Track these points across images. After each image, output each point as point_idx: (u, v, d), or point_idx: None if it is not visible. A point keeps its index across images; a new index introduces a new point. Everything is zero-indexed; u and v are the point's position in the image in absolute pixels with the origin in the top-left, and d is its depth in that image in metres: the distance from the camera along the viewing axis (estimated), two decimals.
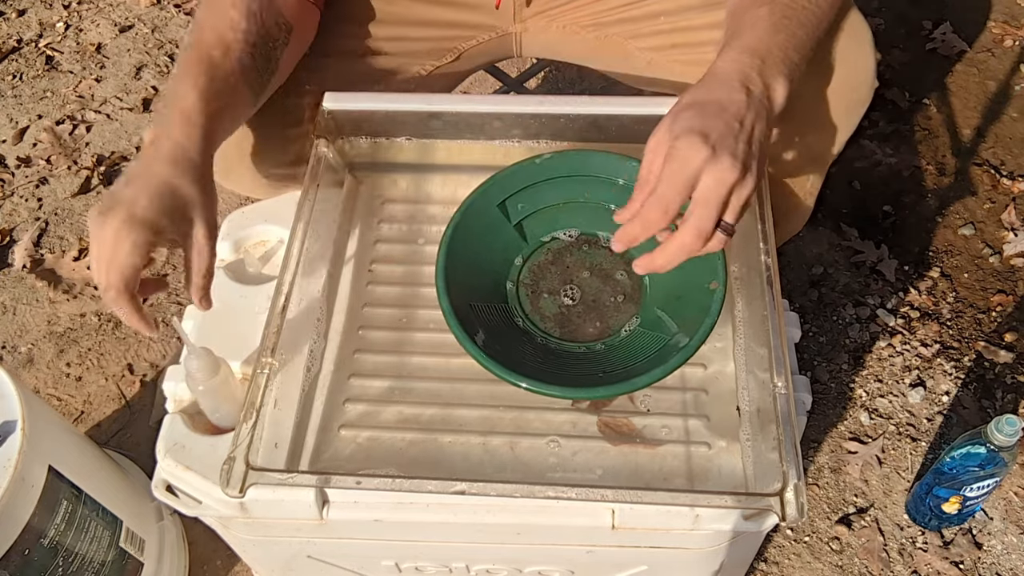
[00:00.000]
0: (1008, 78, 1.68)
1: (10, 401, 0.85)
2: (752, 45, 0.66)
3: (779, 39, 0.67)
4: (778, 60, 0.66)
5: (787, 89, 0.65)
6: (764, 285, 0.72)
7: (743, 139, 0.62)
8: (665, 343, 0.72)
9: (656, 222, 0.62)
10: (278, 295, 0.72)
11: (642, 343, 0.74)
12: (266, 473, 0.64)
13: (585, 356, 0.74)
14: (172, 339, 1.36)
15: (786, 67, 0.66)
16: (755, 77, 0.64)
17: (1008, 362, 1.31)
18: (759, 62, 0.65)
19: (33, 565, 0.84)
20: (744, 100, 0.63)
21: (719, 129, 0.61)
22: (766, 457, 0.68)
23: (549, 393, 0.68)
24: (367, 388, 0.76)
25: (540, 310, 0.77)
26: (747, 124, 0.62)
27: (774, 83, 0.65)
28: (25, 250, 1.47)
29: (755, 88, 0.64)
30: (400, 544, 0.79)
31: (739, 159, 0.61)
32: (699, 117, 0.62)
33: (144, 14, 1.86)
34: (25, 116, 1.68)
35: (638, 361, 0.71)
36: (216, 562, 1.15)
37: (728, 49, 0.67)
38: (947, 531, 1.17)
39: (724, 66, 0.66)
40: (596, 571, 0.82)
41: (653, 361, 0.70)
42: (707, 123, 0.61)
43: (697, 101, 0.64)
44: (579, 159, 0.79)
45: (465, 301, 0.72)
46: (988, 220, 1.48)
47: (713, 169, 0.60)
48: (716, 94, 0.64)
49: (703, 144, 0.60)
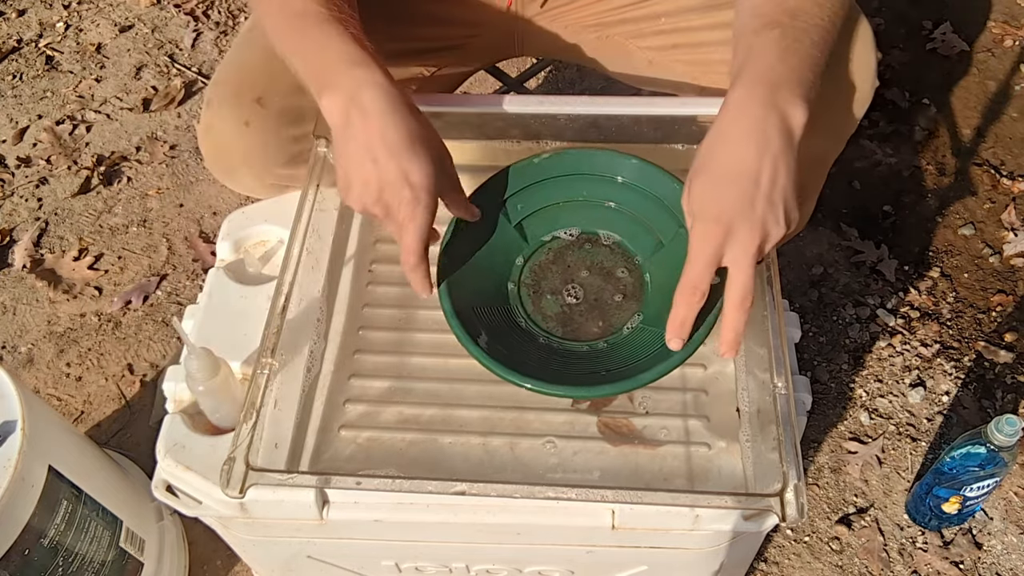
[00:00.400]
0: (1008, 78, 1.68)
1: (10, 401, 0.85)
2: (763, 73, 0.64)
3: (792, 62, 0.65)
4: (793, 84, 0.64)
5: (806, 110, 0.64)
6: (764, 285, 0.72)
7: (762, 201, 0.61)
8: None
9: (694, 303, 0.64)
10: (278, 295, 0.72)
11: (645, 340, 0.73)
12: (266, 473, 0.65)
13: (588, 355, 0.74)
14: (172, 339, 1.36)
15: (801, 88, 0.64)
16: (767, 114, 0.62)
17: (1008, 362, 1.31)
18: (770, 93, 0.63)
19: (33, 565, 0.84)
20: (755, 155, 0.62)
21: (731, 199, 0.61)
22: (766, 457, 0.68)
23: (554, 393, 0.68)
24: (367, 388, 0.76)
25: (542, 310, 0.77)
26: (764, 181, 0.61)
27: (790, 110, 0.63)
28: (25, 250, 1.47)
29: (768, 128, 0.62)
30: (400, 544, 0.79)
31: (758, 225, 0.61)
32: (711, 191, 0.62)
33: (144, 14, 1.86)
34: (25, 116, 1.68)
35: (641, 358, 0.71)
36: (216, 562, 1.15)
37: (739, 83, 0.64)
38: (947, 531, 1.17)
39: (732, 110, 0.64)
40: (596, 571, 0.82)
41: (656, 357, 0.70)
42: (720, 197, 0.62)
43: (709, 165, 0.63)
44: (577, 158, 0.79)
45: (467, 303, 0.72)
46: (988, 220, 1.48)
47: (733, 245, 0.62)
48: (727, 152, 0.63)
49: (716, 225, 0.61)
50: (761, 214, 0.61)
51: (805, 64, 0.66)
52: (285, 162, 0.84)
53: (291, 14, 0.69)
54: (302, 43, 0.68)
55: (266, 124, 0.81)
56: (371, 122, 0.64)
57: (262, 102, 0.80)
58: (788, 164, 0.63)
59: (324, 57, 0.66)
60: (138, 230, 1.51)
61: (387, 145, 0.64)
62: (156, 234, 1.50)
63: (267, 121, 0.81)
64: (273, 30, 0.71)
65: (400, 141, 0.64)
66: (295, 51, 0.69)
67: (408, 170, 0.64)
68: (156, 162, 1.60)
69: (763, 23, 0.67)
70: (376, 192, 0.65)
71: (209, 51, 1.79)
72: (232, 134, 0.82)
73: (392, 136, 0.64)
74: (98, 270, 1.45)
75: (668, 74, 0.91)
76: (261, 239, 0.88)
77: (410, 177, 0.64)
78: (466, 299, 0.73)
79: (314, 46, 0.67)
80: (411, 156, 0.64)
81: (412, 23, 0.91)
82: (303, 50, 0.68)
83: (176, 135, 1.65)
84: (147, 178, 1.58)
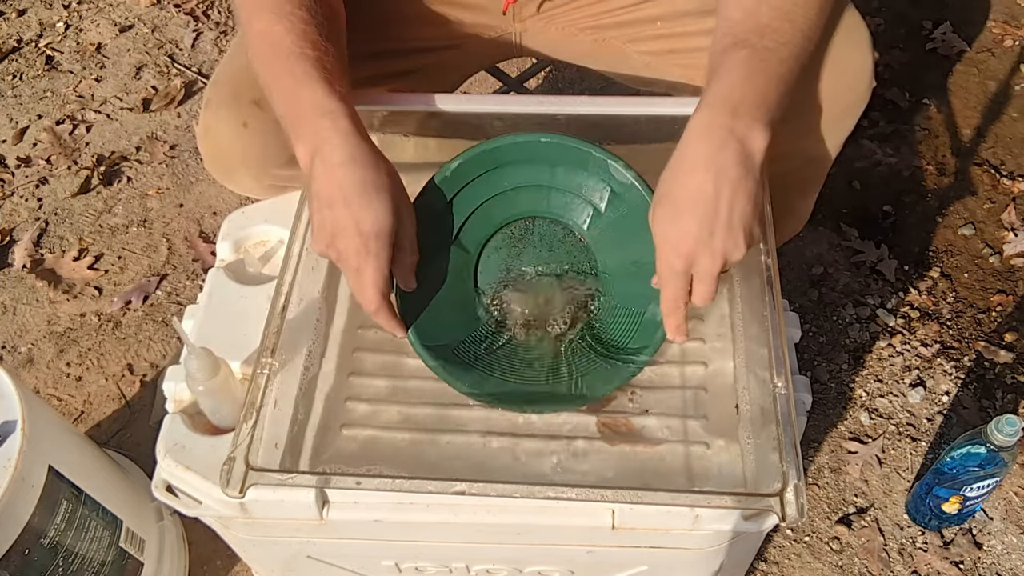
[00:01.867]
0: (1008, 78, 1.68)
1: (10, 401, 0.85)
2: (726, 95, 0.65)
3: (757, 84, 0.66)
4: (754, 107, 0.65)
5: (766, 134, 0.65)
6: (764, 285, 0.72)
7: (720, 230, 0.64)
8: (642, 317, 0.73)
9: (680, 311, 0.68)
10: (278, 295, 0.72)
11: (621, 323, 0.75)
12: (266, 473, 0.65)
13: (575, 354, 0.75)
14: (172, 339, 1.36)
15: (762, 111, 0.65)
16: (727, 139, 0.64)
17: (1008, 362, 1.31)
18: (730, 117, 0.64)
19: (33, 565, 0.84)
20: (712, 186, 0.63)
21: (692, 231, 0.64)
22: (766, 457, 0.68)
23: (566, 409, 0.71)
24: (367, 388, 0.76)
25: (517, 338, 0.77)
26: (722, 210, 0.63)
27: (750, 135, 0.64)
28: (25, 250, 1.47)
29: (728, 157, 0.64)
30: (400, 544, 0.79)
31: (718, 253, 0.64)
32: (672, 220, 0.65)
33: (144, 14, 1.86)
34: (25, 116, 1.68)
35: (628, 342, 0.73)
36: (216, 562, 1.15)
37: (702, 106, 0.66)
38: (947, 531, 1.17)
39: (693, 138, 0.65)
40: (596, 571, 0.82)
41: (643, 335, 0.72)
42: (680, 227, 0.64)
43: (671, 195, 0.65)
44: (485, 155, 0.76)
45: (446, 349, 0.74)
46: (988, 220, 1.48)
47: (697, 268, 0.65)
48: (687, 184, 0.64)
49: (677, 257, 0.65)
50: (721, 242, 0.64)
51: (771, 84, 0.66)
52: (284, 163, 0.84)
53: (270, 43, 0.70)
54: (277, 82, 0.70)
55: (264, 125, 0.81)
56: (331, 172, 0.66)
57: (260, 103, 0.80)
58: (747, 190, 0.64)
59: (296, 104, 0.68)
60: (138, 230, 1.51)
61: (343, 193, 0.66)
62: (156, 234, 1.50)
63: (265, 122, 0.81)
64: (254, 56, 0.72)
65: (354, 189, 0.66)
66: (270, 87, 0.71)
67: (360, 218, 0.65)
68: (156, 162, 1.60)
69: (732, 42, 0.68)
70: (329, 237, 0.67)
71: (209, 51, 1.79)
72: (230, 135, 0.82)
73: (347, 185, 0.66)
74: (98, 270, 1.45)
75: (665, 76, 0.91)
76: (261, 239, 0.88)
77: (361, 225, 0.66)
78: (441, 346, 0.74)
79: (287, 88, 0.69)
80: (363, 204, 0.66)
81: (411, 23, 0.91)
82: (278, 89, 0.70)
83: (176, 135, 1.65)
84: (147, 178, 1.58)
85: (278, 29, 0.70)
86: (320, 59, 0.69)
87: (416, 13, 0.91)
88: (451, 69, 1.00)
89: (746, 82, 0.66)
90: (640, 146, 0.84)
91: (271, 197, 0.90)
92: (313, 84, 0.68)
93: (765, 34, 0.68)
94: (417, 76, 0.94)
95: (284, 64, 0.69)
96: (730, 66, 0.67)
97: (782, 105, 0.67)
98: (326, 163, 0.66)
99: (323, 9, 0.72)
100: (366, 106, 0.81)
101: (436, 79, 0.97)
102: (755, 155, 0.65)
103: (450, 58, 0.96)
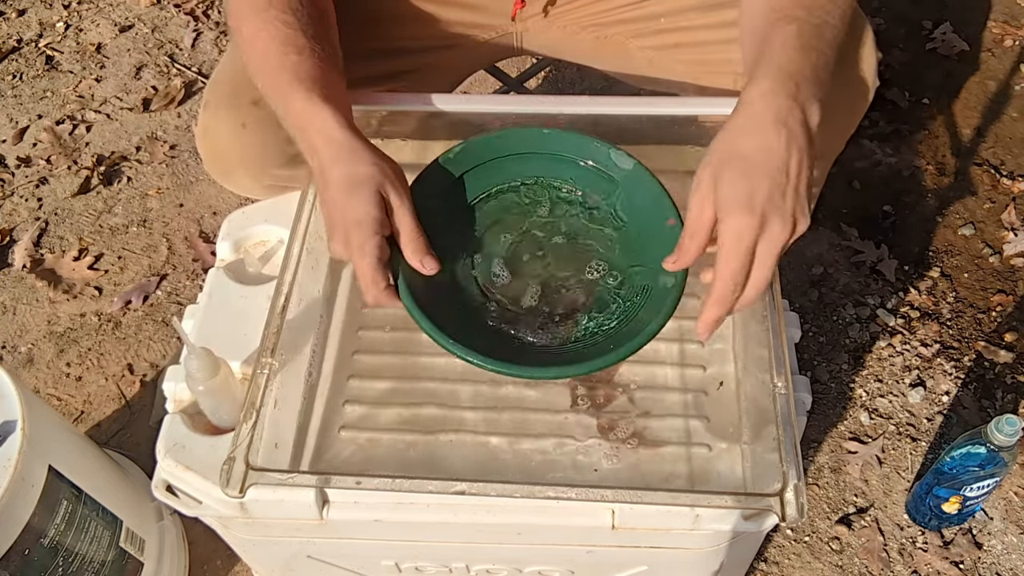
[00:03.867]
0: (1008, 78, 1.68)
1: (10, 401, 0.85)
2: (785, 67, 0.63)
3: (811, 59, 0.64)
4: (811, 82, 0.64)
5: (820, 110, 0.64)
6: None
7: (791, 193, 0.61)
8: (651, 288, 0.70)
9: (731, 300, 0.63)
10: (278, 295, 0.72)
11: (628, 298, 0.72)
12: (266, 473, 0.65)
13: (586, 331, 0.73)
14: (172, 339, 1.36)
15: (818, 88, 0.64)
16: (793, 107, 0.62)
17: (1008, 362, 1.31)
18: (794, 87, 0.62)
19: (33, 565, 0.84)
20: (784, 146, 0.61)
21: (764, 190, 0.60)
22: (766, 457, 0.68)
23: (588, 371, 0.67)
24: (367, 388, 0.76)
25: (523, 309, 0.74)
26: (792, 172, 0.61)
27: (810, 107, 0.63)
28: (25, 250, 1.47)
29: (793, 122, 0.62)
30: (400, 544, 0.79)
31: (789, 217, 0.61)
32: (742, 180, 0.61)
33: (144, 14, 1.86)
34: (25, 116, 1.68)
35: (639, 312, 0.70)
36: (216, 562, 1.15)
37: (760, 75, 0.64)
38: (947, 531, 1.17)
39: (758, 101, 0.63)
40: (596, 571, 0.82)
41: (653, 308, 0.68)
42: (752, 186, 0.60)
43: (737, 154, 0.62)
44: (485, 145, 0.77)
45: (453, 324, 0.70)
46: (988, 220, 1.48)
47: (766, 239, 0.61)
48: (755, 142, 0.62)
49: (751, 217, 0.60)
50: (791, 206, 0.61)
51: (820, 63, 0.65)
52: (283, 163, 0.84)
53: (258, 52, 0.71)
54: (269, 92, 0.71)
55: (263, 125, 0.81)
56: (324, 176, 0.68)
57: (259, 104, 0.80)
58: (811, 158, 0.63)
59: (287, 115, 0.70)
60: (138, 230, 1.51)
61: (331, 194, 0.67)
62: (156, 234, 1.50)
63: (264, 122, 0.81)
64: (247, 63, 0.73)
65: (340, 188, 0.67)
66: (266, 96, 0.72)
67: (345, 213, 0.66)
68: (156, 162, 1.60)
69: (779, 16, 0.67)
70: (332, 237, 0.67)
71: (209, 51, 1.79)
72: (229, 136, 0.82)
73: (334, 185, 0.67)
74: (98, 270, 1.45)
75: (668, 74, 0.91)
76: (261, 239, 0.88)
77: (347, 218, 0.66)
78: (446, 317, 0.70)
79: (277, 100, 0.70)
80: (347, 199, 0.66)
81: (410, 22, 0.91)
82: (272, 99, 0.71)
83: (176, 135, 1.65)
84: (147, 178, 1.58)
85: (263, 36, 0.71)
86: (302, 64, 0.70)
87: (415, 12, 0.91)
88: (450, 69, 0.99)
89: (803, 56, 0.64)
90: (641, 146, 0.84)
91: (271, 197, 0.90)
92: (296, 94, 0.68)
93: (812, 10, 0.67)
94: (416, 76, 0.94)
95: (271, 75, 0.70)
96: (784, 39, 0.65)
97: (827, 87, 0.66)
98: (320, 170, 0.68)
99: (309, 9, 0.73)
100: (364, 106, 0.82)
101: (435, 79, 0.97)
102: (814, 128, 0.63)
103: (450, 58, 0.96)
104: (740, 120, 0.63)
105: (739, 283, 0.62)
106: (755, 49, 0.67)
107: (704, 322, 0.64)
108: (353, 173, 0.67)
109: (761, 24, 0.68)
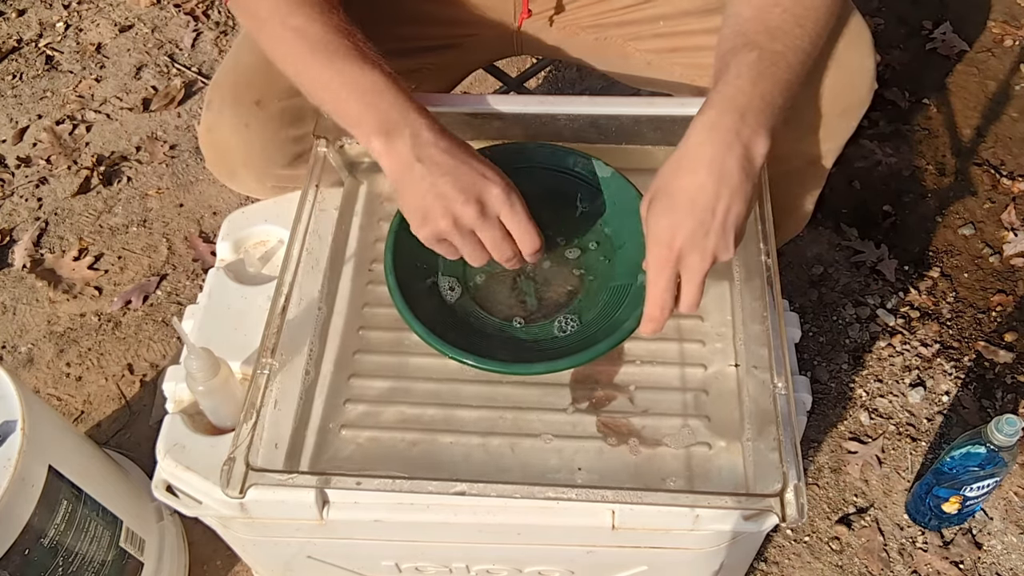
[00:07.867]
0: (1008, 78, 1.68)
1: (10, 401, 0.85)
2: (734, 98, 0.66)
3: (763, 87, 0.66)
4: (760, 112, 0.65)
5: (768, 140, 0.66)
6: (764, 285, 0.72)
7: (715, 231, 0.65)
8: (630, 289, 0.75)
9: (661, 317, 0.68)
10: (278, 295, 0.72)
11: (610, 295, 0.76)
12: (266, 473, 0.65)
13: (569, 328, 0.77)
14: (172, 339, 1.36)
15: (767, 116, 0.66)
16: (733, 143, 0.64)
17: (1008, 362, 1.31)
18: (738, 119, 0.65)
19: (33, 565, 0.85)
20: (714, 188, 0.64)
21: (687, 229, 0.64)
22: (766, 457, 0.68)
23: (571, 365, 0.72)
24: (367, 388, 0.76)
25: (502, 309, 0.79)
26: (719, 212, 0.64)
27: (754, 140, 0.65)
28: (25, 250, 1.48)
29: (731, 160, 0.64)
30: (400, 544, 0.79)
31: (708, 253, 0.65)
32: (668, 217, 0.65)
33: (144, 14, 1.86)
34: (25, 116, 1.68)
35: (620, 309, 0.74)
36: (216, 562, 1.15)
37: (708, 104, 0.66)
38: (947, 531, 1.17)
39: (701, 133, 0.66)
40: (596, 571, 0.82)
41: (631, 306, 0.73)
42: (675, 223, 0.65)
43: (668, 190, 0.66)
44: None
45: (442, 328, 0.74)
46: (988, 220, 1.48)
47: (685, 269, 0.66)
48: (687, 181, 0.65)
49: (669, 252, 0.65)
50: (713, 243, 0.65)
51: (777, 89, 0.67)
52: (286, 163, 0.84)
53: (313, 44, 0.70)
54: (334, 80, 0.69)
55: (266, 125, 0.81)
56: (438, 144, 0.68)
57: (261, 104, 0.80)
58: (745, 194, 0.65)
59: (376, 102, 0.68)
60: (138, 230, 1.51)
61: (462, 158, 0.68)
62: (156, 234, 1.50)
63: (267, 122, 0.81)
64: (285, 57, 0.72)
65: (468, 152, 0.69)
66: (324, 86, 0.70)
67: (485, 171, 0.68)
68: (156, 162, 1.60)
69: (742, 43, 0.68)
70: (459, 200, 0.66)
71: (209, 51, 1.79)
72: (232, 136, 0.82)
73: (460, 151, 0.68)
74: (98, 270, 1.45)
75: (666, 76, 0.91)
76: (261, 239, 0.88)
77: (489, 174, 0.68)
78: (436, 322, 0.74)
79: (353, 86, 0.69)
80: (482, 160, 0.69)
81: (410, 23, 0.91)
82: (336, 87, 0.69)
83: (176, 135, 1.65)
84: (147, 178, 1.58)
85: (315, 27, 0.70)
86: (367, 53, 0.70)
87: (415, 12, 0.91)
88: (450, 69, 1.00)
89: (754, 86, 0.66)
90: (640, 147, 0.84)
91: (272, 197, 0.90)
92: (367, 64, 0.69)
93: (776, 36, 0.68)
94: (416, 76, 0.94)
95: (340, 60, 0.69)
96: (739, 68, 0.67)
97: (785, 110, 0.68)
98: (415, 135, 0.67)
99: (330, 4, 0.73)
100: None
101: (435, 79, 0.97)
102: (757, 160, 0.66)
103: (450, 58, 0.96)
104: (679, 154, 0.67)
105: (666, 304, 0.67)
106: (715, 74, 0.69)
107: (643, 332, 0.70)
108: (459, 139, 0.69)
109: (726, 49, 0.70)
